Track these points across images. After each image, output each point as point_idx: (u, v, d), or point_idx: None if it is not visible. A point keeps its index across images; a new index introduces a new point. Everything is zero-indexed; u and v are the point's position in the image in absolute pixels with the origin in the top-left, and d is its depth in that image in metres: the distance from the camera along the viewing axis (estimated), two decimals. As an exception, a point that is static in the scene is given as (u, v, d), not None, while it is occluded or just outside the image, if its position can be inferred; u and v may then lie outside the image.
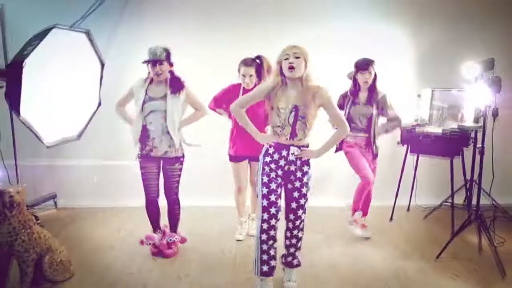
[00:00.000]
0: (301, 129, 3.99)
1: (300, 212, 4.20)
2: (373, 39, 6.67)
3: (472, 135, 5.92)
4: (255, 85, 5.12)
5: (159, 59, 4.75)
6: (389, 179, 6.46)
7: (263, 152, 4.18)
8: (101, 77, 6.22)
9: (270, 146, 4.09)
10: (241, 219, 5.74)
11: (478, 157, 5.16)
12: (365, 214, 5.75)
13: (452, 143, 5.74)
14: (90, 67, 6.14)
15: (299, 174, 4.12)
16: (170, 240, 5.07)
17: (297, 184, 4.14)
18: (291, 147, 4.04)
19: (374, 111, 5.45)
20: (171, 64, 4.90)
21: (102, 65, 6.19)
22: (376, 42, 6.61)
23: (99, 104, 6.31)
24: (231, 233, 5.70)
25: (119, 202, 6.82)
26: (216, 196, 6.59)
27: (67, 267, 4.38)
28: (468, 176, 6.05)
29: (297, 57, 3.85)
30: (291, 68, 3.84)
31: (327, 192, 6.89)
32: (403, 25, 6.87)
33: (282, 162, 4.07)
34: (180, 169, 5.10)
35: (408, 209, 6.87)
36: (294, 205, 4.18)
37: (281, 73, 3.96)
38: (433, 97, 6.37)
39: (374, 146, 5.55)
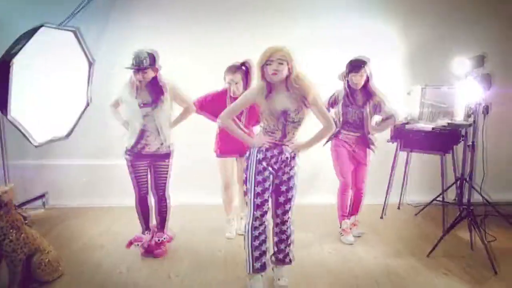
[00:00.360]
0: (292, 132, 4.02)
1: (287, 206, 4.20)
2: (363, 35, 6.65)
3: (463, 131, 5.91)
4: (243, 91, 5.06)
5: (142, 67, 4.64)
6: (379, 176, 6.44)
7: (253, 150, 4.13)
8: (90, 76, 6.19)
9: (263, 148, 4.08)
10: (229, 217, 5.73)
11: (469, 153, 5.15)
12: (355, 213, 5.73)
13: (443, 140, 5.75)
14: (79, 66, 6.11)
15: (287, 168, 4.13)
16: (159, 240, 5.04)
17: (285, 177, 4.15)
18: (284, 147, 4.05)
19: (368, 110, 5.35)
20: (156, 70, 4.80)
21: (91, 64, 6.15)
22: (365, 39, 6.60)
23: (87, 104, 6.27)
24: (221, 232, 5.69)
25: (108, 201, 6.79)
26: (205, 194, 6.55)
27: (56, 267, 4.35)
28: (459, 173, 6.03)
29: (281, 63, 3.80)
30: (275, 74, 3.81)
31: (317, 190, 6.87)
32: (393, 21, 6.83)
33: (273, 160, 4.07)
34: (169, 166, 5.09)
35: (399, 206, 6.86)
36: (281, 199, 4.18)
37: (263, 77, 3.92)
38: (423, 94, 6.36)
39: (370, 141, 5.45)
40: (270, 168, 4.07)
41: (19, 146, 6.07)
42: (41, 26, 5.27)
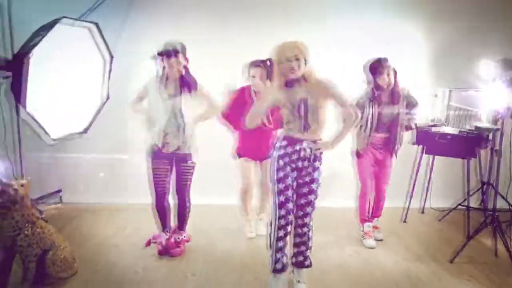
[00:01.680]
0: (314, 120, 3.96)
1: (309, 209, 4.13)
2: (387, 37, 6.57)
3: (490, 136, 5.79)
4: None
5: (175, 49, 4.63)
6: (402, 179, 6.34)
7: (275, 147, 4.11)
8: (110, 70, 6.12)
9: (282, 139, 4.07)
10: (249, 217, 5.70)
11: (495, 159, 5.05)
12: (377, 215, 5.66)
13: (469, 144, 5.61)
14: (98, 60, 6.06)
15: (310, 169, 4.07)
16: (179, 238, 4.98)
17: (307, 179, 4.10)
18: (304, 142, 4.00)
19: (401, 110, 5.29)
20: (186, 59, 4.79)
21: (111, 58, 6.10)
22: (390, 41, 6.50)
23: (108, 97, 6.21)
24: (238, 232, 5.66)
25: (124, 199, 6.74)
26: (221, 193, 6.53)
27: (71, 263, 4.29)
28: (485, 179, 5.91)
29: (297, 59, 3.83)
30: (293, 72, 3.85)
31: (337, 193, 6.77)
32: (418, 23, 6.73)
33: (294, 157, 4.02)
34: (193, 167, 5.00)
35: (423, 211, 6.75)
36: (303, 201, 4.12)
37: (281, 73, 3.96)
38: (450, 97, 6.24)
39: (397, 146, 5.40)
40: (292, 165, 4.03)
41: (36, 140, 6.04)
42: (60, 18, 5.22)
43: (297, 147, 4.00)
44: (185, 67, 4.80)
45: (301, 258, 4.26)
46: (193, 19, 6.48)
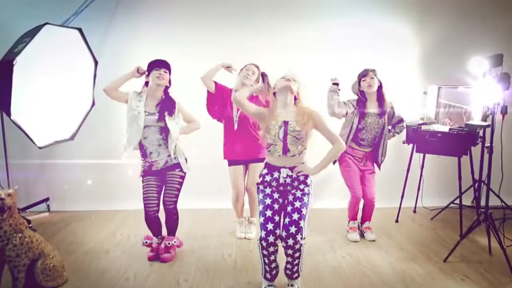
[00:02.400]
0: (293, 144, 3.97)
1: (301, 223, 3.98)
2: (377, 35, 6.62)
3: (481, 133, 5.77)
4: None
5: (166, 62, 4.77)
6: (393, 179, 6.33)
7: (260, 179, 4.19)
8: (95, 76, 6.10)
9: (264, 167, 4.16)
10: (241, 219, 5.72)
11: (486, 156, 5.03)
12: (368, 219, 5.68)
13: (460, 142, 5.59)
14: (83, 65, 6.05)
15: (298, 193, 4.05)
16: (169, 244, 4.93)
17: (297, 204, 4.02)
18: (282, 169, 4.02)
19: (383, 121, 5.35)
20: (170, 81, 4.88)
21: (96, 63, 6.05)
22: (380, 38, 6.56)
23: (93, 104, 6.16)
24: (230, 236, 5.65)
25: (114, 205, 6.73)
26: (214, 198, 6.54)
27: (60, 272, 4.26)
28: (477, 176, 5.88)
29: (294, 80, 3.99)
30: (291, 90, 3.99)
31: (329, 194, 6.79)
32: (408, 21, 6.78)
33: (274, 184, 4.06)
34: (181, 177, 4.97)
35: (415, 210, 6.75)
36: (287, 220, 4.00)
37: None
38: (440, 94, 6.22)
39: (380, 159, 5.50)
40: (274, 194, 4.08)
41: (22, 149, 6.02)
42: (44, 24, 5.18)
43: (276, 175, 4.02)
44: (165, 90, 4.88)
45: (288, 272, 4.19)
46: (181, 20, 6.49)
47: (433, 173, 6.86)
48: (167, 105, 4.82)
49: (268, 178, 4.05)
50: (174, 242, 4.99)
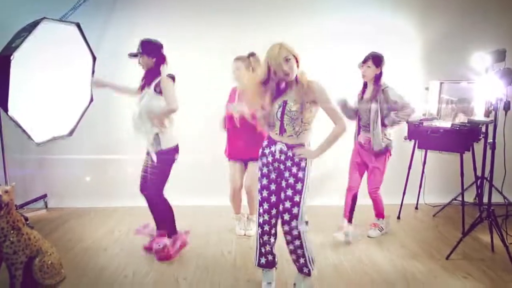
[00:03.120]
0: (290, 125, 3.82)
1: (295, 210, 3.89)
2: (379, 30, 6.59)
3: (483, 129, 5.73)
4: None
5: (134, 53, 4.68)
6: (396, 176, 6.28)
7: (260, 151, 4.11)
8: (93, 72, 6.05)
9: (266, 138, 4.08)
10: (238, 215, 5.71)
11: (489, 152, 4.99)
12: (377, 215, 5.64)
13: (462, 138, 5.54)
14: (81, 61, 6.00)
15: (294, 169, 3.90)
16: (159, 245, 4.78)
17: (291, 180, 3.90)
18: (277, 143, 3.91)
19: (373, 106, 5.21)
20: (151, 59, 4.66)
21: (94, 59, 6.01)
22: (382, 33, 6.54)
23: (91, 100, 6.13)
24: (230, 233, 5.63)
25: (112, 202, 6.70)
26: (213, 195, 6.46)
27: (58, 270, 4.20)
28: (479, 173, 5.84)
29: (288, 59, 3.70)
30: (287, 75, 3.73)
31: (330, 191, 6.72)
32: (410, 16, 6.76)
33: (270, 158, 3.97)
34: (153, 166, 4.71)
35: (417, 207, 6.72)
36: (288, 204, 3.89)
37: (270, 72, 3.79)
38: (442, 90, 6.19)
39: (373, 143, 5.30)
40: (270, 166, 4.00)
41: (20, 145, 5.99)
42: (42, 19, 5.14)
43: (272, 148, 3.94)
44: (156, 63, 4.69)
45: (297, 265, 4.09)
46: (179, 16, 6.49)
47: (435, 170, 6.83)
48: (149, 75, 4.69)
49: (267, 150, 3.99)
50: (159, 245, 4.79)
